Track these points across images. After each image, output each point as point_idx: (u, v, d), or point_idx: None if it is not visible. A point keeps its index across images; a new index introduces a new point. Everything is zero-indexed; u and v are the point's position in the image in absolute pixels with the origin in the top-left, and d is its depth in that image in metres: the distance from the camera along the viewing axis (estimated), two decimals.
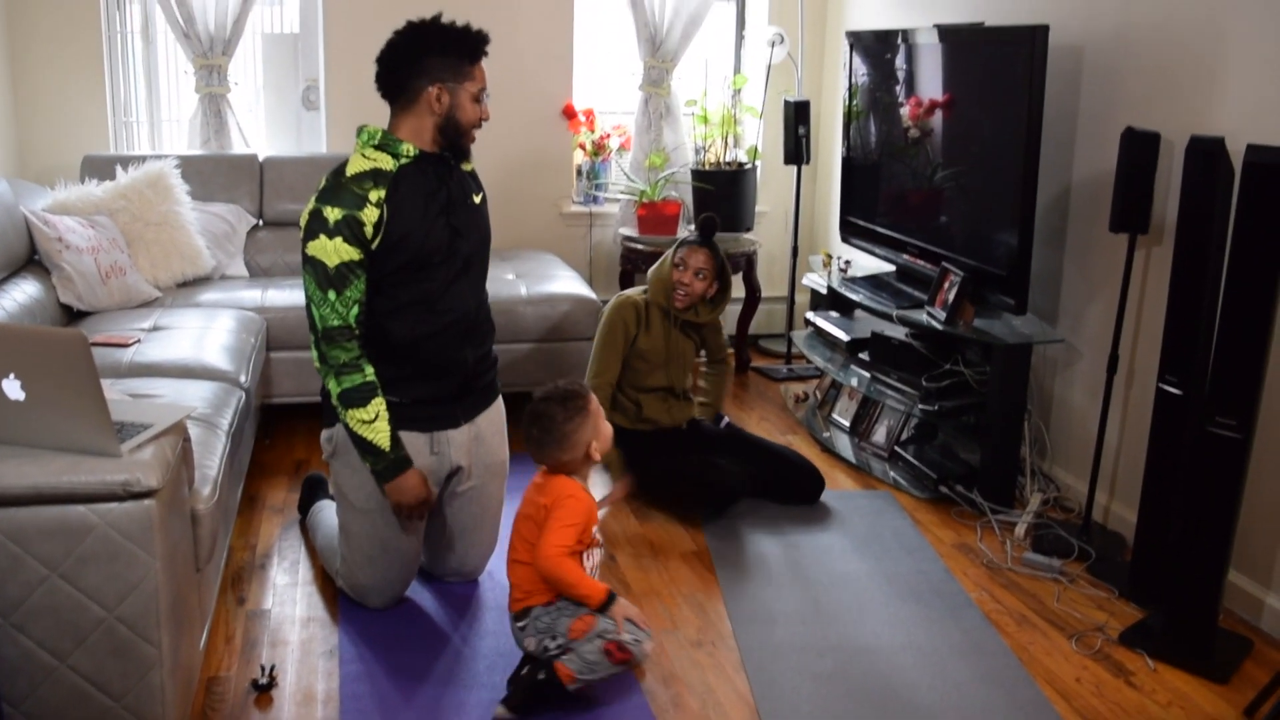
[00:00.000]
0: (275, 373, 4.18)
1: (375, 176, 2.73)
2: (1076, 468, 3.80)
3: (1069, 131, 3.77)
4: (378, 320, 2.81)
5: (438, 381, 2.89)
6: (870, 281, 4.43)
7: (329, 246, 2.68)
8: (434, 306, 2.82)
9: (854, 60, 4.62)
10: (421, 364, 2.86)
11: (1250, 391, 2.73)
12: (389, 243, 2.73)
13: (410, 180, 2.77)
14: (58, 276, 3.93)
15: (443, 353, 2.87)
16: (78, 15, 4.75)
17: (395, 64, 2.76)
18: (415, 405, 2.87)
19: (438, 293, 2.83)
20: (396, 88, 2.77)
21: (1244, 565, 3.12)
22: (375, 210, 2.70)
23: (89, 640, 2.19)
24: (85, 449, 2.18)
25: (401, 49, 2.76)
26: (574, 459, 2.70)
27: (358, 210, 2.68)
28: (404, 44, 2.76)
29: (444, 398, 2.92)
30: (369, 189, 2.71)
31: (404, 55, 2.75)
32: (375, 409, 2.76)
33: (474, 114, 2.81)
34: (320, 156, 4.92)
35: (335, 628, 2.94)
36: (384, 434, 2.77)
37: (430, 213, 2.79)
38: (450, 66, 2.76)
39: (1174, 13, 3.29)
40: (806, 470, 3.79)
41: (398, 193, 2.74)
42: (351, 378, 2.75)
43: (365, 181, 2.72)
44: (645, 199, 5.20)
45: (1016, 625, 3.04)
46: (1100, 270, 3.65)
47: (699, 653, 2.88)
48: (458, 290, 2.87)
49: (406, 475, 2.81)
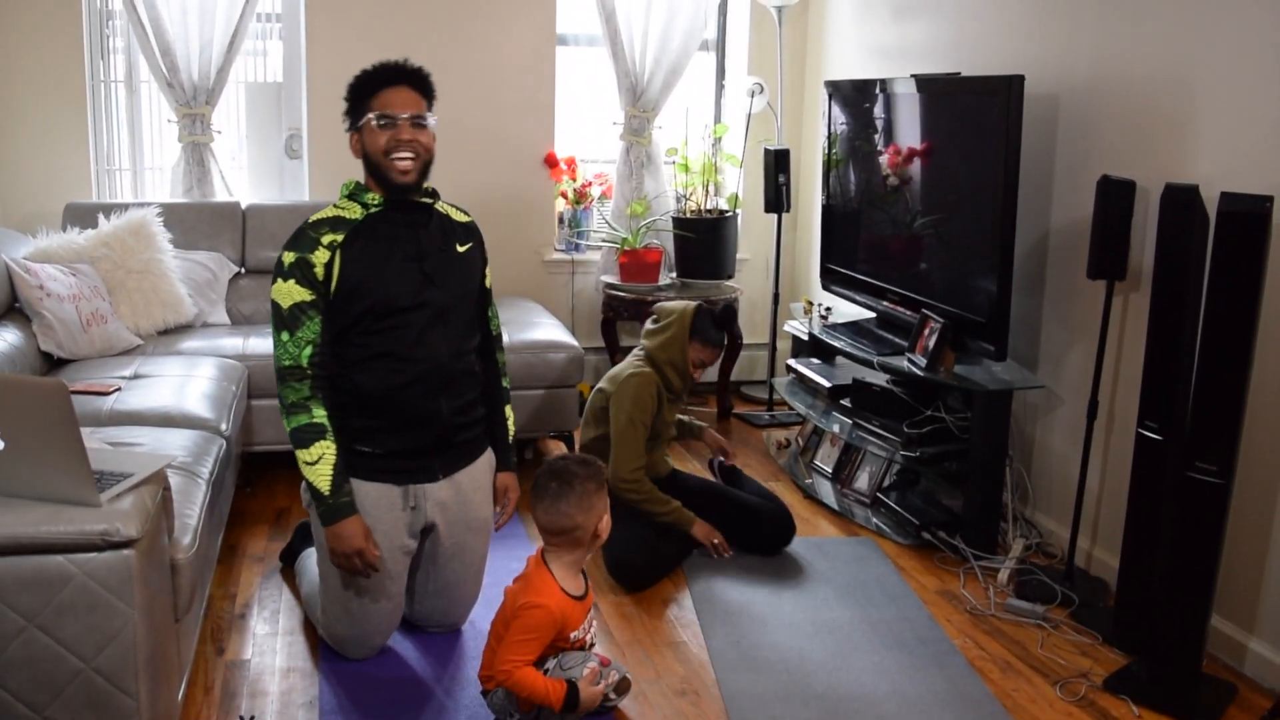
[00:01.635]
0: (256, 421, 4.16)
1: (335, 224, 2.81)
2: (1058, 513, 3.81)
3: (1046, 179, 3.81)
4: (348, 372, 2.81)
5: (413, 433, 2.86)
6: (851, 328, 4.45)
7: (284, 289, 2.74)
8: (406, 356, 2.81)
9: (833, 109, 4.67)
10: (395, 415, 2.84)
11: (1230, 436, 2.75)
12: (346, 289, 2.76)
13: (375, 229, 2.82)
14: (38, 324, 3.92)
15: (416, 404, 2.84)
16: (61, 63, 4.76)
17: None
18: (390, 457, 2.86)
19: (410, 341, 2.81)
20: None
21: (1227, 610, 3.12)
22: (326, 253, 2.75)
23: (66, 692, 2.17)
24: (64, 498, 2.17)
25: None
26: (586, 526, 2.64)
27: (309, 253, 2.75)
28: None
29: (420, 450, 2.89)
30: (324, 234, 2.78)
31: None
32: (319, 451, 2.75)
33: (379, 140, 2.80)
34: (303, 205, 4.93)
35: (315, 678, 2.90)
36: (325, 477, 2.75)
37: (394, 260, 2.80)
38: (353, 110, 2.87)
39: (1147, 62, 3.34)
40: (775, 519, 3.76)
41: (356, 240, 2.79)
42: (298, 418, 2.76)
43: (323, 228, 2.80)
44: (627, 246, 5.23)
45: (1001, 672, 3.03)
46: (1079, 316, 3.68)
47: (682, 701, 2.85)
48: (431, 339, 2.84)
49: (345, 523, 2.76)
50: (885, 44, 4.87)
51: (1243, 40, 3.00)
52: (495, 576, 3.21)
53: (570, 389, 4.45)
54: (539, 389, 4.40)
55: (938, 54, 4.43)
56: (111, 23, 4.96)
